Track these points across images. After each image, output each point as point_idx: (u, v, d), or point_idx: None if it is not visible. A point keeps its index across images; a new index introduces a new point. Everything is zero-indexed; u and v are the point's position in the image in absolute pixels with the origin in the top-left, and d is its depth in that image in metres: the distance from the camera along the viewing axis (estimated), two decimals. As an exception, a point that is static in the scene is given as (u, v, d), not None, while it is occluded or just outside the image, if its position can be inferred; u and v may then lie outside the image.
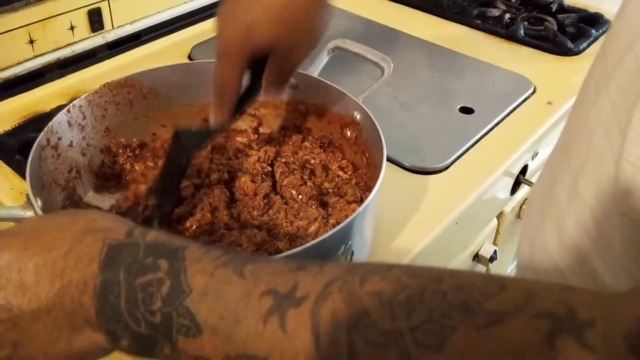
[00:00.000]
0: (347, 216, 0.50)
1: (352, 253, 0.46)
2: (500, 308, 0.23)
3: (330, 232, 0.42)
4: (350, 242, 0.45)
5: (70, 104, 0.54)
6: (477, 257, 0.73)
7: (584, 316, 0.21)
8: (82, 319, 0.29)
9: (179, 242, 0.30)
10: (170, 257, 0.29)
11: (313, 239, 0.46)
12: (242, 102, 0.50)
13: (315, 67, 0.63)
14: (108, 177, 0.58)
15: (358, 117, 0.56)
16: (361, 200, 0.54)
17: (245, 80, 0.50)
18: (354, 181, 0.57)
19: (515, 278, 0.24)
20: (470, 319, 0.23)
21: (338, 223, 0.49)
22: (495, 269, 0.80)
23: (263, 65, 0.49)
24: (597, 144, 0.39)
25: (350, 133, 0.58)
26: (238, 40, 0.47)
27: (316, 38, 0.51)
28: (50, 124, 0.51)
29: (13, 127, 0.68)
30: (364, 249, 0.50)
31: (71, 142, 0.54)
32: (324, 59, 0.64)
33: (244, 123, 0.64)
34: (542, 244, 0.44)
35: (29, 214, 0.44)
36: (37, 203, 0.43)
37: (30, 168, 0.46)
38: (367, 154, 0.55)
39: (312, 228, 0.51)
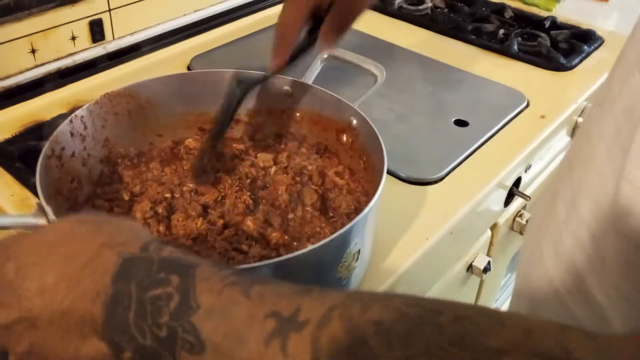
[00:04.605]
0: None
1: (359, 252, 0.47)
2: (498, 345, 0.23)
3: (342, 230, 0.43)
4: (357, 241, 0.46)
5: (73, 115, 0.54)
6: (471, 268, 0.74)
7: (579, 359, 0.22)
8: (90, 327, 0.30)
9: (192, 259, 0.31)
10: (181, 273, 0.30)
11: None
12: (297, 53, 0.54)
13: (310, 76, 0.64)
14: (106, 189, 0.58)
15: (354, 122, 0.57)
16: (355, 212, 0.55)
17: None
18: (351, 185, 0.58)
19: (513, 313, 0.25)
20: (467, 354, 0.23)
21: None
22: (489, 280, 0.81)
23: (320, 22, 0.52)
24: (598, 162, 0.39)
25: (347, 138, 0.59)
26: None
27: None
28: (54, 134, 0.51)
29: (14, 135, 0.69)
30: (368, 249, 0.51)
31: (73, 152, 0.54)
32: (317, 67, 0.65)
33: (239, 131, 0.65)
34: (539, 257, 0.45)
35: (42, 221, 0.44)
36: (50, 211, 0.44)
37: (39, 177, 0.46)
38: (365, 158, 0.57)
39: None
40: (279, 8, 1.04)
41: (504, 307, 1.01)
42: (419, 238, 0.58)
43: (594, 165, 0.40)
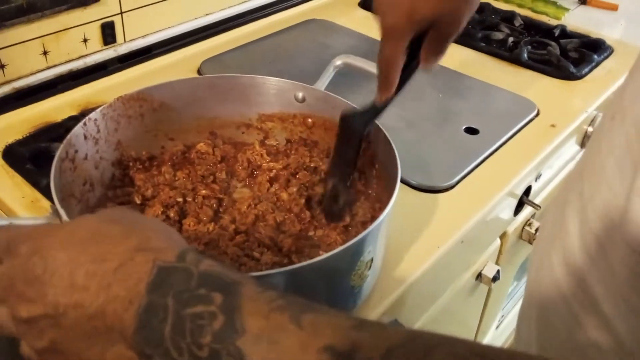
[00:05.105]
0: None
1: (372, 260, 0.47)
2: None
3: (356, 239, 0.43)
4: (370, 249, 0.46)
5: (87, 118, 0.54)
6: (480, 277, 0.74)
7: None
8: (118, 334, 0.30)
9: (234, 276, 0.30)
10: (225, 292, 0.29)
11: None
12: (404, 78, 0.54)
13: (322, 82, 0.64)
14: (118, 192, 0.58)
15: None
16: (371, 220, 0.55)
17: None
18: (365, 192, 0.58)
19: None
20: None
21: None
22: (497, 288, 0.81)
23: (420, 39, 0.51)
24: (608, 175, 0.39)
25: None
26: (403, 19, 0.48)
27: (474, 7, 0.51)
28: (68, 136, 0.51)
29: (24, 136, 0.69)
30: (380, 257, 0.51)
31: (86, 155, 0.54)
32: (330, 74, 0.65)
33: (250, 136, 0.65)
34: (549, 265, 0.45)
35: None
36: (64, 214, 0.43)
37: (54, 180, 0.46)
38: (377, 165, 0.57)
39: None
40: (288, 13, 1.05)
41: (512, 314, 1.01)
42: (430, 246, 0.58)
43: (604, 178, 0.40)
